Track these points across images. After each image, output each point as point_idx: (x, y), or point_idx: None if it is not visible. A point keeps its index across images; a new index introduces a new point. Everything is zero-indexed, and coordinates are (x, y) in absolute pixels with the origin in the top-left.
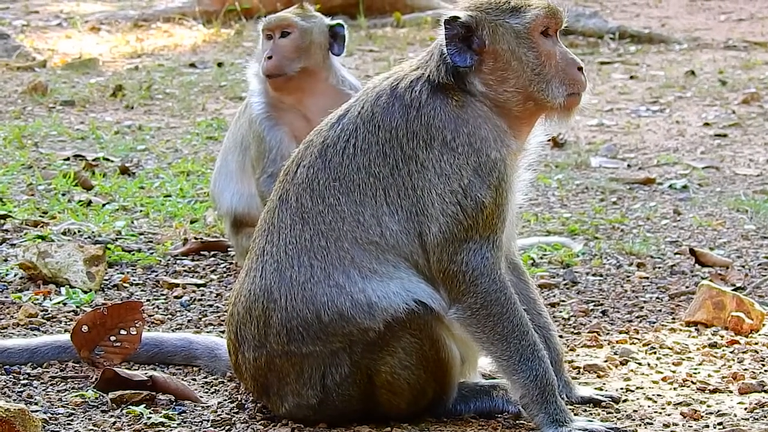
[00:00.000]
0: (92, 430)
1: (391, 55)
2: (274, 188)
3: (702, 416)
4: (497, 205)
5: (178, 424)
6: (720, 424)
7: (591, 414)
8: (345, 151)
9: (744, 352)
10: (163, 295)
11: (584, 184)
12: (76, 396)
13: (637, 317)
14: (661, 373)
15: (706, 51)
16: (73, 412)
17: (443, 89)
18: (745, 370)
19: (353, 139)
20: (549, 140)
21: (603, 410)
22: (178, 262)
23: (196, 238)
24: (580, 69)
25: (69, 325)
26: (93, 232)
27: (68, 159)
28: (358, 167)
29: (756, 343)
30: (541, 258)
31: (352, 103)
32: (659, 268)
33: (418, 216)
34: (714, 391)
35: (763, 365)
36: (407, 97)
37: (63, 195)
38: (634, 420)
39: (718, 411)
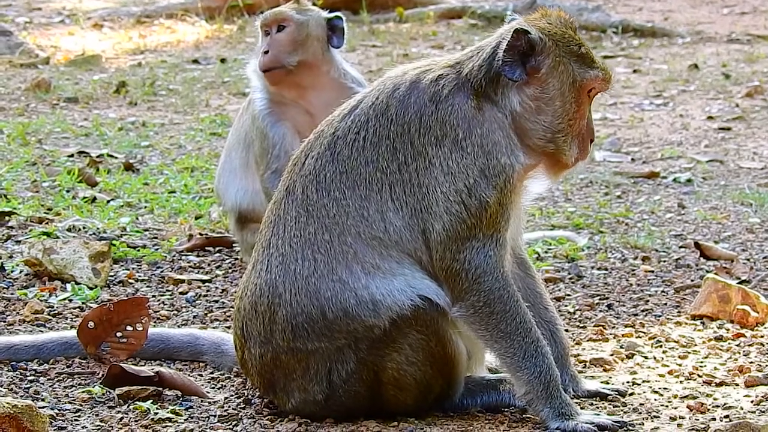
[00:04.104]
0: (99, 425)
1: (393, 50)
2: (283, 178)
3: (708, 409)
4: (501, 204)
5: (184, 420)
6: (726, 417)
7: (597, 408)
8: (354, 144)
9: (750, 345)
10: (168, 291)
11: (588, 178)
12: (83, 392)
13: (643, 311)
14: (667, 366)
15: (709, 44)
16: (80, 408)
17: (468, 90)
18: (751, 362)
19: (363, 131)
20: None
21: (609, 404)
22: (183, 258)
23: (201, 234)
24: (592, 141)
25: (75, 321)
26: (98, 228)
27: (72, 156)
28: (366, 161)
29: (762, 336)
30: (546, 252)
31: (366, 93)
32: (664, 261)
33: (422, 213)
34: (720, 384)
35: None
36: (429, 91)
37: (67, 192)
38: (640, 413)
39: (725, 404)
